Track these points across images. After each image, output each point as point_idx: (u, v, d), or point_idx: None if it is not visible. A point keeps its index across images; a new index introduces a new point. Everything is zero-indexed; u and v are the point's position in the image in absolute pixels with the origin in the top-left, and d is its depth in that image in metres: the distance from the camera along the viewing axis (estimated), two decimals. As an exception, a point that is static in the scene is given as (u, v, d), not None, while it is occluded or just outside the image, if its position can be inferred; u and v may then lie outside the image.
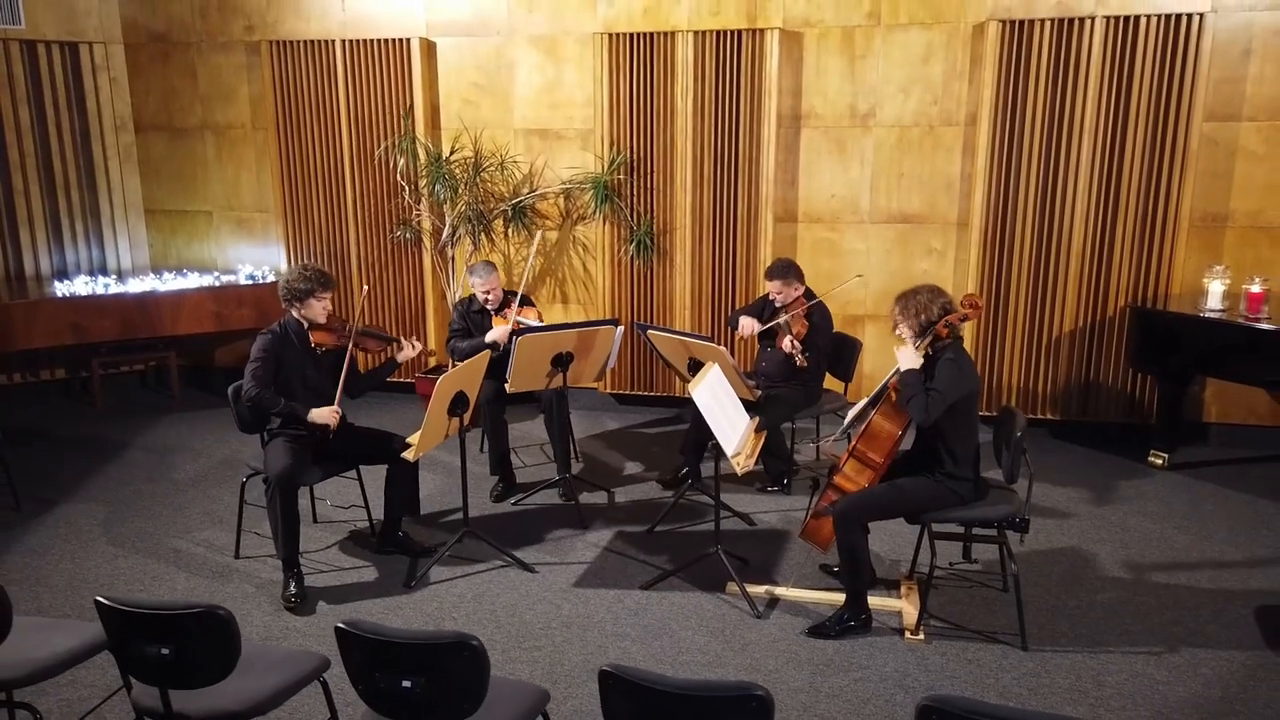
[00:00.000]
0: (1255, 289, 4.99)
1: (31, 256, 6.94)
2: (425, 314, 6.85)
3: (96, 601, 2.48)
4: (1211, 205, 5.66)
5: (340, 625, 2.34)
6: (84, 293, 6.39)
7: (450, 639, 2.26)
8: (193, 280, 6.70)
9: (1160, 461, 5.54)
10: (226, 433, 6.25)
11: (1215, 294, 5.18)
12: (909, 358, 3.65)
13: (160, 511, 5.06)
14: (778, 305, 5.07)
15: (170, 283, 6.66)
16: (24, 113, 6.75)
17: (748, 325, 5.06)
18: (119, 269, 7.22)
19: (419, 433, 4.11)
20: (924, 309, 3.64)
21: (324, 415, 4.23)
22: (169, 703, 2.51)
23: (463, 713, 2.32)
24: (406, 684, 2.26)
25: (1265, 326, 4.89)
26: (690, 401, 6.38)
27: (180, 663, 2.42)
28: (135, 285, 6.56)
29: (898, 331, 3.78)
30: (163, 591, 4.20)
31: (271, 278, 6.81)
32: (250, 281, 6.71)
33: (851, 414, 3.96)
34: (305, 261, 4.80)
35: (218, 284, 6.67)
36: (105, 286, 6.51)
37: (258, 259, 7.13)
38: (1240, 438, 5.86)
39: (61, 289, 6.45)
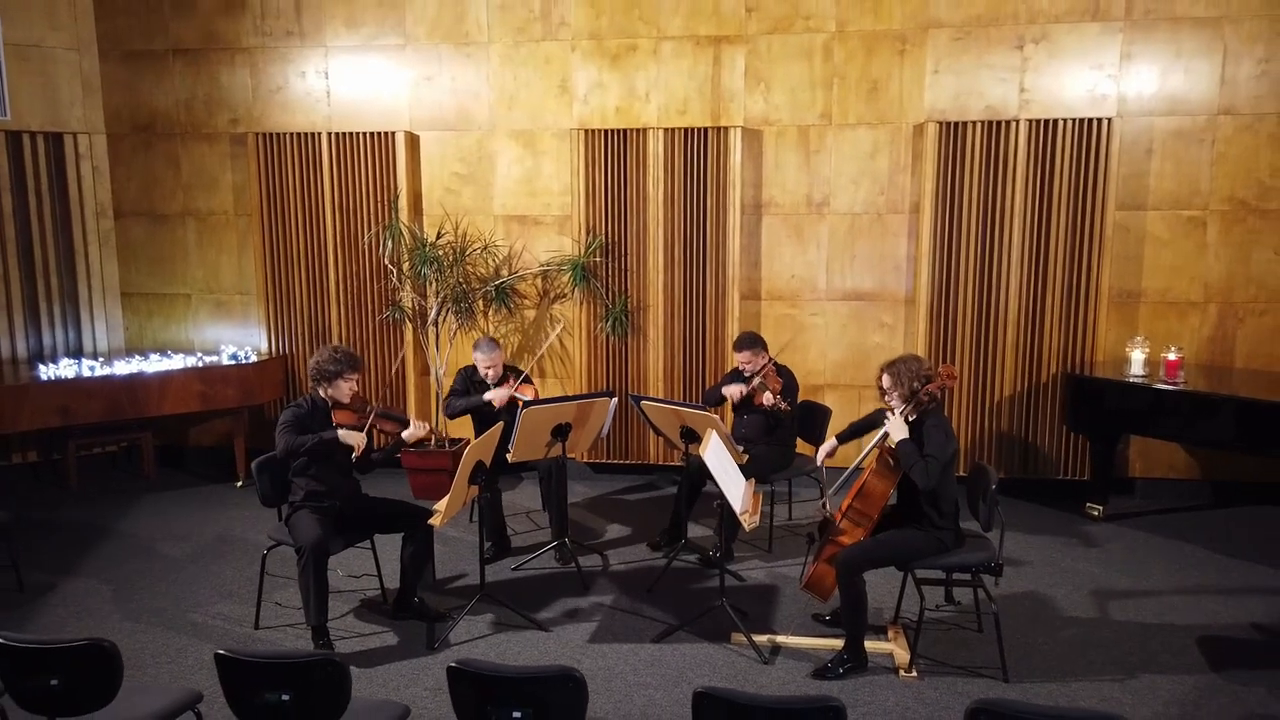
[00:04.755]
0: (1172, 357, 5.68)
1: (8, 340, 6.98)
2: (406, 391, 7.11)
3: (217, 655, 2.71)
4: (1126, 283, 6.39)
5: (453, 665, 2.62)
6: (70, 375, 6.44)
7: (555, 671, 2.57)
8: (178, 361, 6.80)
9: (1097, 513, 6.13)
10: (211, 510, 6.37)
11: (1138, 361, 5.85)
12: (898, 429, 4.11)
13: (166, 588, 5.15)
14: (747, 374, 5.54)
15: (156, 364, 6.73)
16: (6, 200, 6.86)
17: (735, 390, 5.51)
18: (94, 351, 7.29)
19: (445, 500, 4.39)
20: (915, 376, 4.13)
21: (353, 437, 4.50)
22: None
23: (563, 740, 2.61)
24: (517, 715, 2.55)
25: (1182, 389, 5.56)
26: (666, 469, 6.85)
27: (297, 708, 2.66)
28: (122, 367, 6.63)
29: (886, 398, 4.25)
30: (191, 664, 4.30)
31: (254, 358, 6.98)
32: (234, 361, 6.86)
33: (839, 482, 4.42)
34: (336, 344, 5.12)
35: (201, 364, 6.79)
36: (91, 369, 6.57)
37: (237, 339, 7.30)
38: (1162, 490, 6.54)
39: (46, 372, 6.47)
